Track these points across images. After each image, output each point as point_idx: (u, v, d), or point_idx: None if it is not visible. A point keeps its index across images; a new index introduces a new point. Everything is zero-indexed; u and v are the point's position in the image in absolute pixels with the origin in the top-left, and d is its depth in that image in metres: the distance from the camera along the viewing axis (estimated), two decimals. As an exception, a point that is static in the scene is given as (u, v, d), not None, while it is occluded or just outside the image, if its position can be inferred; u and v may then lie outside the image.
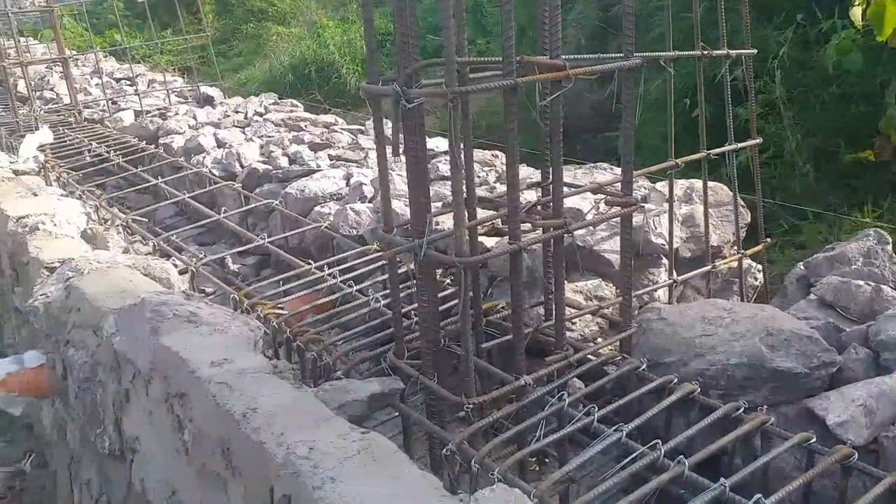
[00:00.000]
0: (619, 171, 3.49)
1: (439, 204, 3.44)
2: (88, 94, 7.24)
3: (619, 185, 2.18)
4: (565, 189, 2.10)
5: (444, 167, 3.89)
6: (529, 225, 2.03)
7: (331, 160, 4.48)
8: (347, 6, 17.86)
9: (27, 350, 3.54)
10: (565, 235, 1.89)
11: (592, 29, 6.65)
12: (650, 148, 5.05)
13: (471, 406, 1.78)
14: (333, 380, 2.25)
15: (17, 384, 2.92)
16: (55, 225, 3.34)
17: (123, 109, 6.27)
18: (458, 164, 1.63)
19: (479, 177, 3.83)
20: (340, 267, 2.97)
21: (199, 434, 1.87)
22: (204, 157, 4.77)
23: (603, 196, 2.89)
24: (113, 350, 2.30)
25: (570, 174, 3.48)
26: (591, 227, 2.61)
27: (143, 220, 3.86)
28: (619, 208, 2.11)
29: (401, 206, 3.27)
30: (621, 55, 1.94)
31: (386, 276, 3.04)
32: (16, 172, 4.66)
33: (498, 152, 4.18)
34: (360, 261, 3.13)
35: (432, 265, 1.87)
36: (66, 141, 5.62)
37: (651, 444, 1.67)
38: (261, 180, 4.39)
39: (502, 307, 2.48)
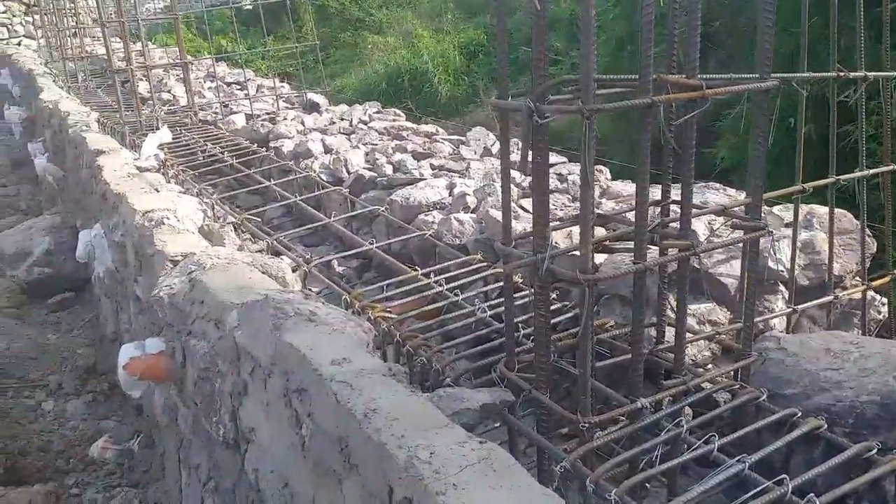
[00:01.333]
0: (730, 190, 3.40)
1: (525, 215, 3.44)
2: (202, 96, 7.64)
3: (736, 207, 2.12)
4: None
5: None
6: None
7: (433, 169, 4.56)
8: (442, 17, 18.15)
9: (146, 337, 3.77)
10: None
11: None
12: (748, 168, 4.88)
13: (586, 425, 1.76)
14: (443, 386, 2.29)
15: (139, 368, 3.11)
16: (178, 220, 3.54)
17: (235, 113, 6.58)
18: (589, 181, 1.63)
19: (583, 192, 3.80)
20: (446, 276, 3.01)
21: (317, 430, 1.94)
22: (312, 162, 4.95)
23: (717, 217, 2.81)
24: (234, 343, 2.42)
25: (677, 192, 3.42)
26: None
27: (256, 219, 4.04)
28: (742, 232, 2.05)
29: (506, 218, 3.29)
30: (756, 76, 1.89)
31: (488, 286, 3.07)
32: (139, 169, 4.97)
33: (602, 167, 4.14)
34: (463, 270, 3.16)
35: (552, 281, 1.87)
36: (182, 141, 5.95)
37: (777, 479, 1.61)
38: (366, 186, 4.51)
39: (611, 325, 2.45)
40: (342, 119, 6.15)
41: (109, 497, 3.90)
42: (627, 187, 3.76)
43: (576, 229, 2.81)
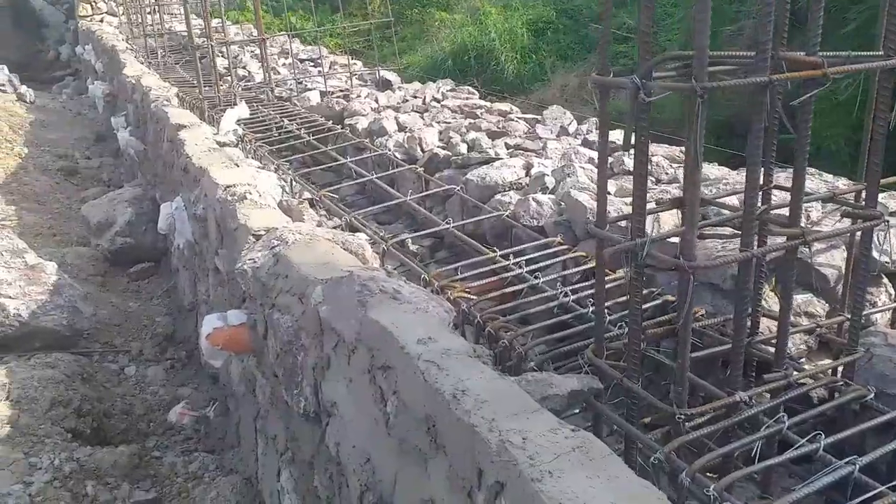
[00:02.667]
0: (827, 176, 3.23)
1: (628, 200, 3.34)
2: (277, 73, 7.73)
3: (847, 193, 1.99)
4: (781, 195, 1.95)
5: (628, 161, 3.78)
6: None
7: (508, 148, 4.49)
8: (511, -8, 17.84)
9: (225, 308, 3.86)
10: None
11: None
12: (829, 152, 4.67)
13: (682, 417, 1.70)
14: (525, 370, 2.26)
15: (221, 339, 3.19)
16: (260, 195, 3.59)
17: (310, 89, 6.64)
18: (699, 164, 1.55)
19: (667, 174, 3.68)
20: (525, 258, 2.96)
21: (402, 408, 1.94)
22: (387, 140, 4.95)
23: (817, 204, 2.68)
24: (318, 318, 2.44)
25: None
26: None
27: (334, 195, 4.07)
28: (849, 221, 1.93)
29: (588, 200, 3.21)
30: (879, 54, 1.76)
31: (567, 270, 3.01)
32: (219, 144, 5.08)
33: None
34: (542, 253, 3.11)
35: (651, 266, 1.80)
36: (258, 117, 6.04)
37: (893, 484, 1.52)
38: (440, 165, 4.48)
39: (702, 315, 2.36)
40: (415, 97, 6.13)
41: (188, 461, 4.04)
42: (713, 170, 3.62)
43: (665, 214, 2.72)
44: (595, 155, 4.09)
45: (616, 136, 4.39)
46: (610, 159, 3.93)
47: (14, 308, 4.65)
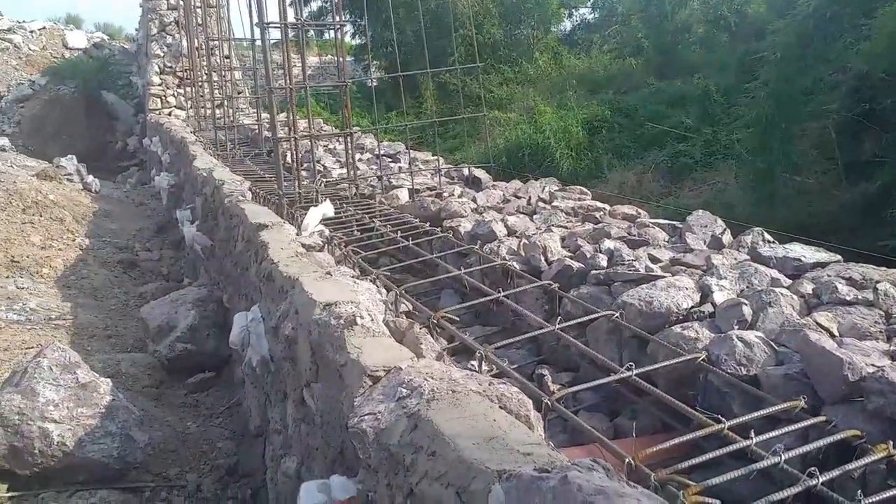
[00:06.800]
0: None
1: (868, 344, 2.48)
2: (357, 168, 7.21)
3: None
4: None
5: (844, 288, 2.93)
6: None
7: (654, 262, 3.69)
8: (565, 93, 17.84)
9: (313, 457, 3.06)
10: None
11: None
12: None
13: None
14: None
15: (324, 519, 2.36)
16: (372, 320, 2.84)
17: (397, 187, 6.04)
18: None
19: (897, 307, 2.81)
20: (770, 436, 2.08)
21: None
22: (497, 246, 4.21)
23: None
24: (498, 535, 1.60)
25: None
26: None
27: (455, 318, 3.29)
28: None
29: (834, 346, 2.35)
30: None
31: (855, 467, 2.10)
32: (305, 247, 4.42)
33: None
34: (792, 430, 2.21)
35: None
36: (342, 216, 5.41)
37: None
38: (573, 280, 3.70)
39: None
40: (517, 196, 5.44)
41: None
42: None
43: None
44: (778, 274, 3.25)
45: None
46: (809, 285, 3.08)
47: (58, 435, 3.91)
